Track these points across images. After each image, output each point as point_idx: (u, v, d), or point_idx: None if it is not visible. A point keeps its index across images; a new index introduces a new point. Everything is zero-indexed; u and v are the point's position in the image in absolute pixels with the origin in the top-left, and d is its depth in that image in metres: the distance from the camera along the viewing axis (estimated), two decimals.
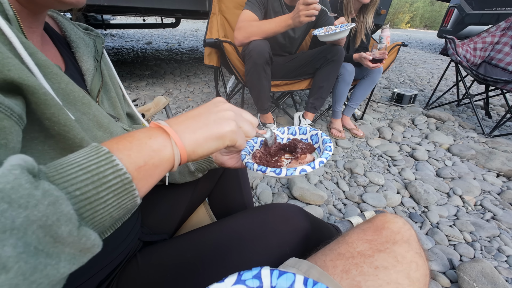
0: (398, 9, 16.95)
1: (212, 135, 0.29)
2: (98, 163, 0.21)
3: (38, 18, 0.33)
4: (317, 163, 0.38)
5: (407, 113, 2.10)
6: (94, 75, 0.41)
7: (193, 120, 0.29)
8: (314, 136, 0.50)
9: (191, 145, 0.27)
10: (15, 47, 0.24)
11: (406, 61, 4.57)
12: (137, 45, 4.64)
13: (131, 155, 0.23)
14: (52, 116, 0.26)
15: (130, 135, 0.25)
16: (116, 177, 0.21)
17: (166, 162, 0.26)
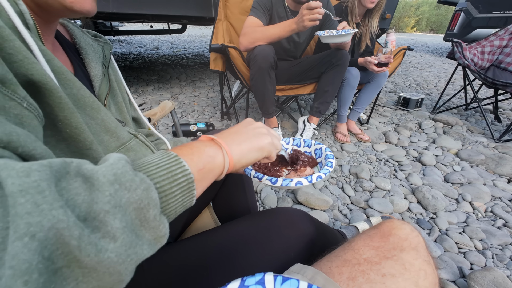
0: (404, 13, 16.91)
1: (254, 147, 0.33)
2: (170, 163, 0.24)
3: (51, 26, 0.34)
4: (314, 177, 0.38)
5: (414, 117, 2.07)
6: (102, 81, 0.41)
7: (237, 135, 0.34)
8: (318, 150, 0.50)
9: (237, 155, 0.32)
10: (34, 54, 0.25)
11: (412, 65, 4.53)
12: (144, 50, 4.74)
13: (194, 159, 0.27)
14: (64, 118, 0.27)
15: (189, 145, 0.29)
16: (184, 175, 0.24)
17: (218, 168, 0.30)
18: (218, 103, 2.17)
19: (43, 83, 0.24)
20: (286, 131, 1.73)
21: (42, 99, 0.25)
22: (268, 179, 0.39)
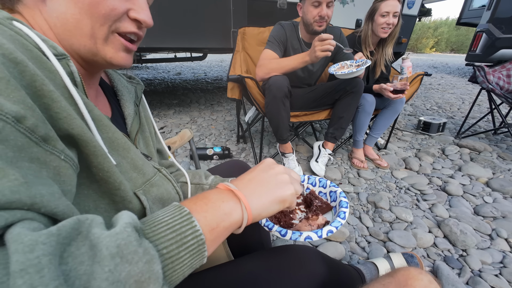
0: (421, 34, 16.87)
1: (276, 199, 0.32)
2: (181, 223, 0.24)
3: (95, 76, 0.40)
4: (325, 231, 0.38)
5: (436, 142, 1.98)
6: (133, 119, 0.46)
7: (258, 184, 0.32)
8: (333, 194, 0.49)
9: (257, 209, 0.30)
10: (79, 107, 0.29)
11: (432, 87, 4.42)
12: (167, 76, 5.09)
13: (207, 217, 0.26)
14: (98, 164, 0.30)
15: (205, 197, 0.29)
16: (194, 238, 0.24)
17: (235, 225, 0.29)
18: (235, 127, 2.23)
19: (81, 135, 0.28)
20: (301, 155, 1.73)
21: (79, 149, 0.29)
22: (277, 231, 0.39)
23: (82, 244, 0.19)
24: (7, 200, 0.18)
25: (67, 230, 0.19)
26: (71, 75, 0.30)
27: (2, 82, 0.20)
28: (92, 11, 0.31)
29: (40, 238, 0.17)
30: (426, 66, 8.21)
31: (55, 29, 0.32)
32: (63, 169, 0.25)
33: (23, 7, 0.31)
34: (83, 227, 0.20)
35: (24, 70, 0.23)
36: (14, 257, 0.16)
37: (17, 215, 0.19)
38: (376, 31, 1.40)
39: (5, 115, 0.20)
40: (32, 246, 0.17)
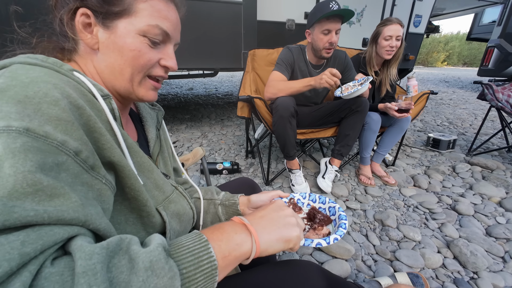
0: (432, 48, 16.82)
1: (282, 238, 0.36)
2: (199, 249, 0.29)
3: (127, 107, 0.48)
4: (332, 239, 0.43)
5: (446, 159, 1.96)
6: (155, 142, 0.53)
7: (268, 222, 0.37)
8: (332, 209, 0.54)
9: (265, 244, 0.34)
10: (118, 138, 0.36)
11: (443, 102, 4.37)
12: (180, 91, 5.32)
13: (221, 246, 0.31)
14: (131, 185, 0.36)
15: (221, 227, 0.33)
16: (209, 262, 0.28)
17: (244, 255, 0.32)
18: (244, 142, 2.30)
19: (119, 161, 0.34)
20: (308, 171, 1.76)
21: (117, 173, 0.35)
22: None
23: (122, 258, 0.24)
24: (71, 218, 0.24)
25: (113, 245, 0.25)
26: (112, 111, 0.37)
27: (69, 124, 0.27)
28: (134, 63, 0.39)
29: (95, 249, 0.23)
30: (437, 80, 8.13)
31: (101, 74, 0.40)
32: (104, 191, 0.31)
33: (79, 57, 0.40)
34: (123, 244, 0.26)
35: (83, 113, 0.30)
36: (79, 262, 0.21)
37: (75, 230, 0.25)
38: (380, 53, 1.46)
39: (69, 150, 0.27)
40: (91, 255, 0.22)
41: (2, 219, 0.20)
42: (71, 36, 0.39)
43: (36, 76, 0.28)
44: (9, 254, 0.19)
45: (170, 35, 0.42)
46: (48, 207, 0.23)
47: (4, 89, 0.25)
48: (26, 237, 0.21)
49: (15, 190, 0.21)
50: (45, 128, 0.25)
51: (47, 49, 0.40)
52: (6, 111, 0.23)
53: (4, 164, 0.22)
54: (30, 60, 0.31)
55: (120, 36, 0.38)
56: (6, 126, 0.23)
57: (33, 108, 0.25)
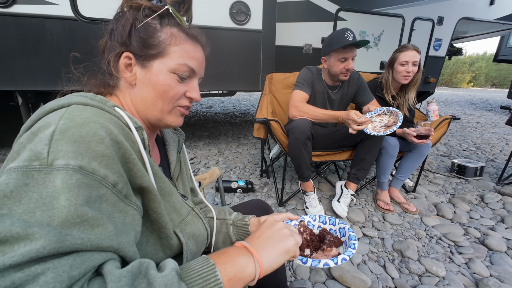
0: (456, 69, 16.31)
1: (282, 251, 0.39)
2: (207, 272, 0.32)
3: (154, 133, 0.53)
4: (339, 259, 0.43)
5: (474, 187, 1.84)
6: (176, 164, 0.57)
7: (265, 240, 0.40)
8: (342, 230, 0.55)
9: (268, 261, 0.37)
10: (146, 166, 0.40)
11: (470, 125, 4.16)
12: (200, 108, 5.56)
13: (227, 269, 0.34)
14: (154, 208, 0.40)
15: (226, 251, 0.37)
16: (216, 285, 0.31)
17: (249, 276, 0.35)
18: (259, 161, 2.33)
19: (148, 187, 0.39)
20: (323, 194, 1.73)
21: (144, 196, 0.39)
22: (299, 259, 0.45)
23: (142, 281, 0.28)
24: (107, 246, 0.28)
25: (135, 269, 0.29)
26: (143, 141, 0.42)
27: (110, 159, 0.32)
28: (164, 95, 0.45)
29: (123, 273, 0.27)
30: (462, 102, 7.79)
31: (136, 106, 0.47)
32: (135, 216, 0.36)
33: (119, 91, 0.47)
34: (142, 268, 0.29)
35: (121, 147, 0.35)
36: (110, 284, 0.25)
37: (109, 255, 0.29)
38: (397, 78, 1.47)
39: (108, 183, 0.31)
40: (120, 278, 0.26)
41: (57, 246, 0.24)
42: (115, 75, 0.46)
43: (87, 117, 0.33)
44: (61, 276, 0.23)
45: (196, 71, 0.48)
46: (90, 235, 0.27)
47: (64, 130, 0.30)
48: (73, 261, 0.25)
49: (67, 220, 0.26)
50: (93, 165, 0.30)
51: (94, 84, 0.47)
52: (65, 150, 0.29)
53: (61, 197, 0.26)
54: (83, 100, 0.37)
55: (154, 73, 0.44)
56: (66, 165, 0.28)
57: (85, 147, 0.30)
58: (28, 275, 0.22)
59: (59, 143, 0.29)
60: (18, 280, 0.21)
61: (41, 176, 0.27)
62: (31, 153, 0.28)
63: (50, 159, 0.28)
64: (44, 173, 0.27)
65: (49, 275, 0.22)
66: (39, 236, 0.23)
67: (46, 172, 0.27)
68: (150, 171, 0.41)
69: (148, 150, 0.43)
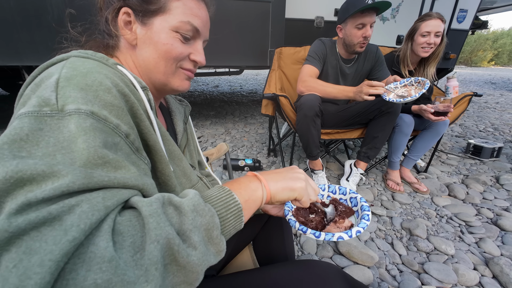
0: (477, 47, 15.25)
1: (288, 187, 0.40)
2: (226, 196, 0.34)
3: (160, 100, 0.51)
4: (354, 232, 0.41)
5: (489, 169, 1.78)
6: (182, 135, 0.56)
7: (276, 174, 0.41)
8: (353, 199, 0.52)
9: (273, 191, 0.39)
10: (153, 125, 0.39)
11: (488, 105, 3.96)
12: (206, 88, 5.47)
13: (242, 193, 0.36)
14: (162, 169, 0.39)
15: (238, 180, 0.39)
16: (235, 205, 0.33)
17: (259, 200, 0.37)
18: (266, 140, 2.31)
19: (154, 146, 0.37)
20: (331, 173, 1.71)
21: (151, 156, 0.38)
22: (311, 233, 0.43)
23: (168, 208, 0.28)
24: (133, 184, 0.28)
25: (159, 198, 0.29)
26: (149, 102, 0.40)
27: (120, 110, 0.31)
28: (167, 56, 0.42)
29: (152, 199, 0.27)
30: (481, 82, 7.37)
31: (139, 68, 0.44)
32: (146, 170, 0.35)
33: (119, 52, 0.44)
34: (165, 198, 0.29)
35: (128, 100, 0.34)
36: (143, 208, 0.26)
37: (135, 192, 0.29)
38: (416, 51, 1.36)
39: (121, 132, 0.30)
40: (150, 203, 0.26)
41: (86, 182, 0.24)
42: (114, 33, 0.43)
43: (91, 67, 0.32)
44: (96, 206, 0.23)
45: (200, 31, 0.44)
46: (116, 174, 0.27)
47: (68, 78, 0.29)
48: (105, 195, 0.25)
49: (88, 161, 0.25)
50: (104, 112, 0.29)
51: (93, 46, 0.44)
52: (74, 96, 0.27)
53: (78, 140, 0.25)
54: (83, 54, 0.35)
55: (156, 31, 0.41)
56: (77, 109, 0.27)
57: (93, 95, 0.29)
58: (63, 206, 0.22)
59: (66, 89, 0.28)
60: (54, 211, 0.21)
61: (54, 122, 0.26)
62: (39, 99, 0.27)
63: (60, 105, 0.27)
64: (56, 119, 0.26)
65: (84, 206, 0.23)
66: (66, 173, 0.23)
67: (59, 118, 0.26)
68: (158, 132, 0.39)
69: (154, 111, 0.41)
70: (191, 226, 0.27)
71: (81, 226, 0.21)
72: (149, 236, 0.24)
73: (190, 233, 0.27)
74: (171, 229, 0.26)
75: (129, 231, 0.25)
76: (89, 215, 0.22)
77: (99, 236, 0.22)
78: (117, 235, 0.24)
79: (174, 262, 0.25)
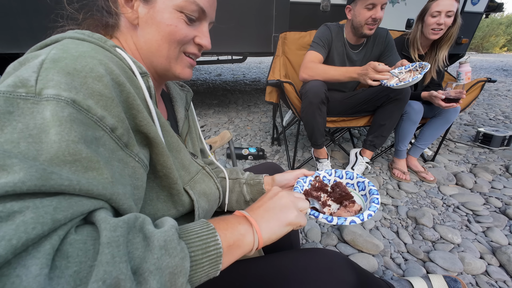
0: (489, 32, 14.64)
1: (282, 223, 0.36)
2: (207, 235, 0.29)
3: (161, 86, 0.49)
4: (365, 215, 0.39)
5: (499, 158, 1.73)
6: (184, 122, 0.54)
7: (265, 211, 0.37)
8: (360, 184, 0.51)
9: (267, 232, 0.35)
10: (152, 116, 0.37)
11: (499, 93, 3.83)
12: (209, 77, 5.39)
13: (227, 235, 0.31)
14: (163, 162, 0.37)
15: (226, 219, 0.34)
16: (215, 249, 0.29)
17: (247, 245, 0.33)
18: (270, 129, 2.28)
19: (154, 138, 0.35)
20: (336, 161, 1.69)
21: (151, 149, 0.36)
22: (324, 218, 0.42)
23: (137, 235, 0.24)
24: (98, 193, 0.24)
25: (131, 222, 0.25)
26: (148, 89, 0.38)
27: (109, 100, 0.28)
28: (170, 38, 0.39)
29: (119, 223, 0.23)
30: (492, 69, 7.12)
31: (140, 50, 0.41)
32: (137, 169, 0.32)
33: (120, 33, 0.41)
34: (137, 222, 0.26)
35: (123, 89, 0.31)
36: (104, 233, 0.22)
37: (100, 204, 0.25)
38: (426, 33, 1.29)
39: (105, 126, 0.27)
40: (115, 227, 0.23)
41: (40, 184, 0.20)
42: (114, 11, 0.40)
43: (84, 51, 0.28)
44: (43, 218, 0.19)
45: (206, 12, 0.41)
46: (81, 178, 0.23)
47: (56, 60, 0.26)
48: (59, 204, 0.21)
49: (56, 157, 0.22)
50: (88, 102, 0.25)
51: (92, 25, 0.41)
52: (57, 80, 0.24)
53: (51, 131, 0.22)
54: (79, 35, 0.32)
55: (159, 11, 0.38)
56: (56, 95, 0.24)
57: (80, 82, 0.26)
58: (2, 211, 0.18)
59: (49, 71, 0.25)
60: None
61: (27, 106, 0.23)
62: (16, 79, 0.24)
63: (38, 88, 0.24)
64: (31, 103, 0.23)
65: (28, 214, 0.19)
66: (19, 169, 0.19)
67: (34, 102, 0.23)
68: (157, 123, 0.37)
69: (154, 100, 0.39)
70: (153, 267, 0.23)
71: (13, 242, 0.17)
72: (97, 271, 0.20)
73: (149, 276, 0.22)
74: (126, 267, 0.21)
75: (78, 256, 0.20)
76: (29, 228, 0.18)
77: (35, 257, 0.18)
78: (61, 259, 0.20)
79: None
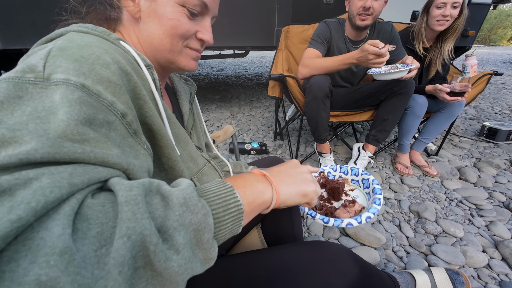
0: (497, 24, 14.29)
1: (300, 192, 0.37)
2: (226, 193, 0.29)
3: (165, 79, 0.49)
4: (364, 218, 0.39)
5: (504, 152, 1.72)
6: (189, 116, 0.54)
7: (286, 176, 0.37)
8: (365, 181, 0.51)
9: (285, 195, 0.35)
10: (158, 106, 0.37)
11: (506, 86, 3.77)
12: (211, 72, 5.36)
13: (246, 192, 0.31)
14: (168, 154, 0.37)
15: (243, 177, 0.34)
16: (235, 206, 0.28)
17: (265, 203, 0.33)
18: (272, 123, 2.27)
19: (159, 130, 0.35)
20: (339, 156, 1.69)
21: (155, 141, 0.36)
22: (320, 219, 0.43)
23: (154, 197, 0.24)
24: (114, 162, 0.25)
25: (147, 184, 0.25)
26: (154, 81, 0.38)
27: (117, 87, 0.28)
28: (172, 32, 0.39)
29: (134, 184, 0.23)
30: (499, 62, 6.98)
31: (143, 44, 0.41)
32: (145, 156, 0.32)
33: (122, 27, 0.42)
34: (152, 186, 0.26)
35: (130, 79, 0.31)
36: (120, 193, 0.22)
37: (117, 173, 0.25)
38: (431, 25, 1.27)
39: (117, 111, 0.28)
40: (131, 187, 0.22)
41: (53, 151, 0.20)
42: (115, 4, 0.40)
43: (90, 41, 0.29)
44: (59, 182, 0.19)
45: (208, 6, 0.41)
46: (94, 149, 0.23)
47: (63, 48, 0.27)
48: (74, 170, 0.21)
49: (65, 135, 0.22)
50: (98, 87, 0.26)
51: (95, 19, 0.42)
52: (65, 66, 0.25)
53: (60, 111, 0.22)
54: (82, 29, 0.32)
55: (161, 4, 0.38)
56: (66, 79, 0.24)
57: (88, 68, 0.26)
58: (18, 178, 0.18)
59: (57, 58, 0.25)
60: (5, 182, 0.17)
61: (36, 90, 0.23)
62: (24, 65, 0.24)
63: (46, 73, 0.24)
64: (40, 87, 0.23)
65: (45, 180, 0.19)
66: (30, 139, 0.19)
67: (42, 87, 0.23)
68: (164, 114, 0.37)
69: (160, 92, 0.39)
70: (177, 223, 0.23)
71: (32, 204, 0.17)
72: (120, 228, 0.20)
73: (174, 232, 0.22)
74: (149, 223, 0.21)
75: (98, 217, 0.20)
76: (46, 191, 0.18)
77: (56, 219, 0.18)
78: (81, 221, 0.20)
79: (149, 266, 0.21)
